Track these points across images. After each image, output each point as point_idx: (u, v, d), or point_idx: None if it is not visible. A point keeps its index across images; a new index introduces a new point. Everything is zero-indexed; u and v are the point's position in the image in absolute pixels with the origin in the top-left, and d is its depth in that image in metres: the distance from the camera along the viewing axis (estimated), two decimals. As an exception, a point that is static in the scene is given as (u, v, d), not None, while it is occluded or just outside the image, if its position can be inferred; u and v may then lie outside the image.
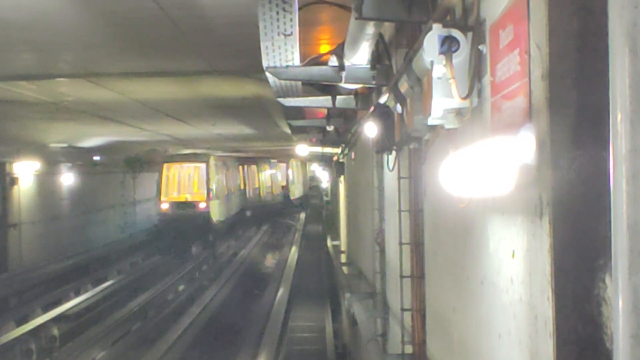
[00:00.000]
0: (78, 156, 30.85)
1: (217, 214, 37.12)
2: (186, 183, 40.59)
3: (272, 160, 62.01)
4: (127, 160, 38.54)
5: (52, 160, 28.03)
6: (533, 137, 2.68)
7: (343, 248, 22.58)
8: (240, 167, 45.90)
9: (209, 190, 37.03)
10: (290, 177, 66.87)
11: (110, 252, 35.97)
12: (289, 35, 5.73)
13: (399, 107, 5.97)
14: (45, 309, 22.08)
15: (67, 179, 32.42)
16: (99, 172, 37.01)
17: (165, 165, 37.39)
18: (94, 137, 25.32)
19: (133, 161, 39.05)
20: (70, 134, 22.14)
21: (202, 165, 38.11)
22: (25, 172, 25.38)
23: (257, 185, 55.03)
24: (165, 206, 36.58)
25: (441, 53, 3.50)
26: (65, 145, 25.67)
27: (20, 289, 24.23)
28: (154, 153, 37.11)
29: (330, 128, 14.09)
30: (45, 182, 28.77)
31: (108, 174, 38.44)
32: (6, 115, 18.18)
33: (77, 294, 25.70)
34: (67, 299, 24.25)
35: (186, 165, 40.15)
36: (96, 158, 34.35)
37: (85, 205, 35.41)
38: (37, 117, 19.21)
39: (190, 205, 37.11)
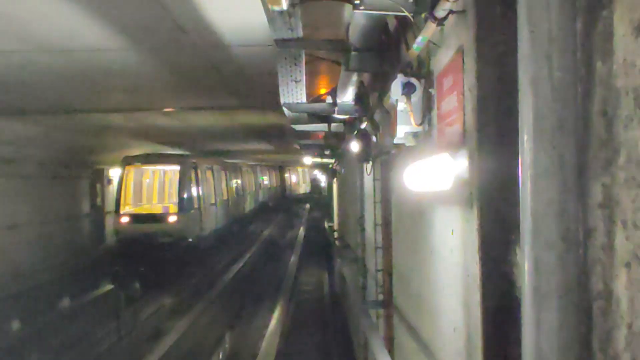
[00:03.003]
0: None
1: (192, 229, 21.39)
2: (154, 191, 25.72)
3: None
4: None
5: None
6: (466, 151, 2.69)
7: (335, 228, 22.51)
8: (222, 173, 27.60)
9: (181, 199, 21.06)
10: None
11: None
12: (299, 81, 5.74)
13: (374, 131, 6.00)
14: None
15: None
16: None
17: (127, 167, 21.53)
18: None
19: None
20: (146, 149, 22.17)
21: (175, 169, 22.31)
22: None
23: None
24: (125, 220, 20.65)
25: (403, 94, 3.51)
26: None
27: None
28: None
29: (327, 151, 14.15)
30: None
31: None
32: (102, 136, 18.23)
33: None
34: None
35: (155, 168, 24.61)
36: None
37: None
38: (124, 138, 19.26)
39: (157, 218, 21.11)
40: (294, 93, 6.12)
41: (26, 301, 14.65)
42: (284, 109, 7.30)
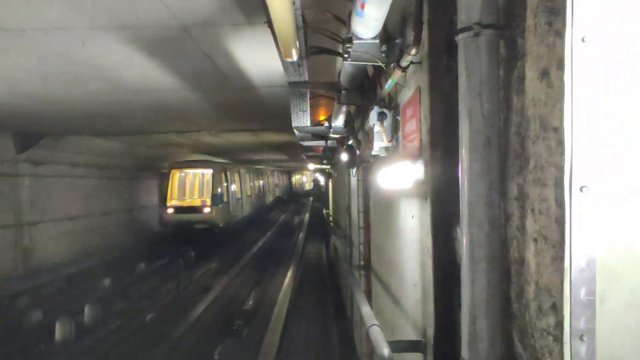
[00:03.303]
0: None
1: (222, 217, 19.59)
2: (194, 188, 23.10)
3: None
4: None
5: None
6: (422, 160, 2.69)
7: (331, 214, 22.51)
8: (247, 175, 25.02)
9: (214, 195, 19.33)
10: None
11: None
12: (305, 111, 5.74)
13: (357, 146, 5.99)
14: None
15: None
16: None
17: (172, 171, 19.82)
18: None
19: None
20: (198, 158, 22.14)
21: (209, 172, 20.41)
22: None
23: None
24: (170, 210, 19.07)
25: (378, 120, 3.51)
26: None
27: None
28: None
29: (324, 160, 14.15)
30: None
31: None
32: (166, 149, 18.22)
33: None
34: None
35: (194, 171, 22.20)
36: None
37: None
38: (182, 151, 19.23)
39: (195, 209, 19.32)
40: (301, 119, 6.13)
41: (117, 265, 14.65)
42: (295, 130, 7.30)
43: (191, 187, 24.16)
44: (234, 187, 22.26)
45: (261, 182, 32.82)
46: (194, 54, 5.33)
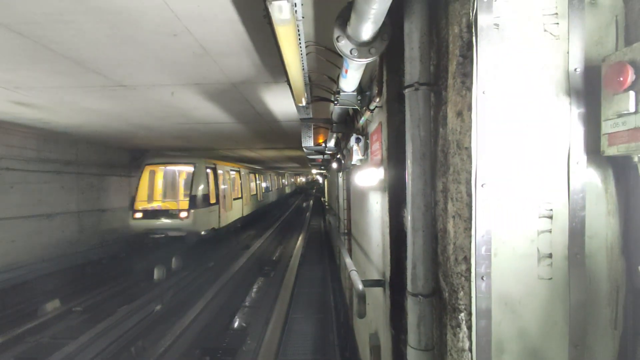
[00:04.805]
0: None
1: (203, 225, 8.34)
2: (169, 189, 10.22)
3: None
4: None
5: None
6: (383, 167, 2.69)
7: (326, 201, 22.38)
8: (237, 174, 13.05)
9: (193, 197, 8.06)
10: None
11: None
12: (310, 136, 5.71)
13: (343, 158, 5.95)
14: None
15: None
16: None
17: (147, 167, 9.02)
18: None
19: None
20: (240, 165, 21.85)
21: (189, 169, 9.37)
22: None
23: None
24: (139, 215, 8.02)
25: (355, 142, 3.49)
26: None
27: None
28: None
29: (322, 167, 14.01)
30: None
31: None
32: (224, 158, 18.08)
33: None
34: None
35: (171, 168, 10.16)
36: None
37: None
38: (231, 160, 19.07)
39: (171, 214, 7.79)
40: (308, 142, 6.10)
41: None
42: (304, 148, 7.26)
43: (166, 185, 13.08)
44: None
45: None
46: (240, 100, 5.32)
